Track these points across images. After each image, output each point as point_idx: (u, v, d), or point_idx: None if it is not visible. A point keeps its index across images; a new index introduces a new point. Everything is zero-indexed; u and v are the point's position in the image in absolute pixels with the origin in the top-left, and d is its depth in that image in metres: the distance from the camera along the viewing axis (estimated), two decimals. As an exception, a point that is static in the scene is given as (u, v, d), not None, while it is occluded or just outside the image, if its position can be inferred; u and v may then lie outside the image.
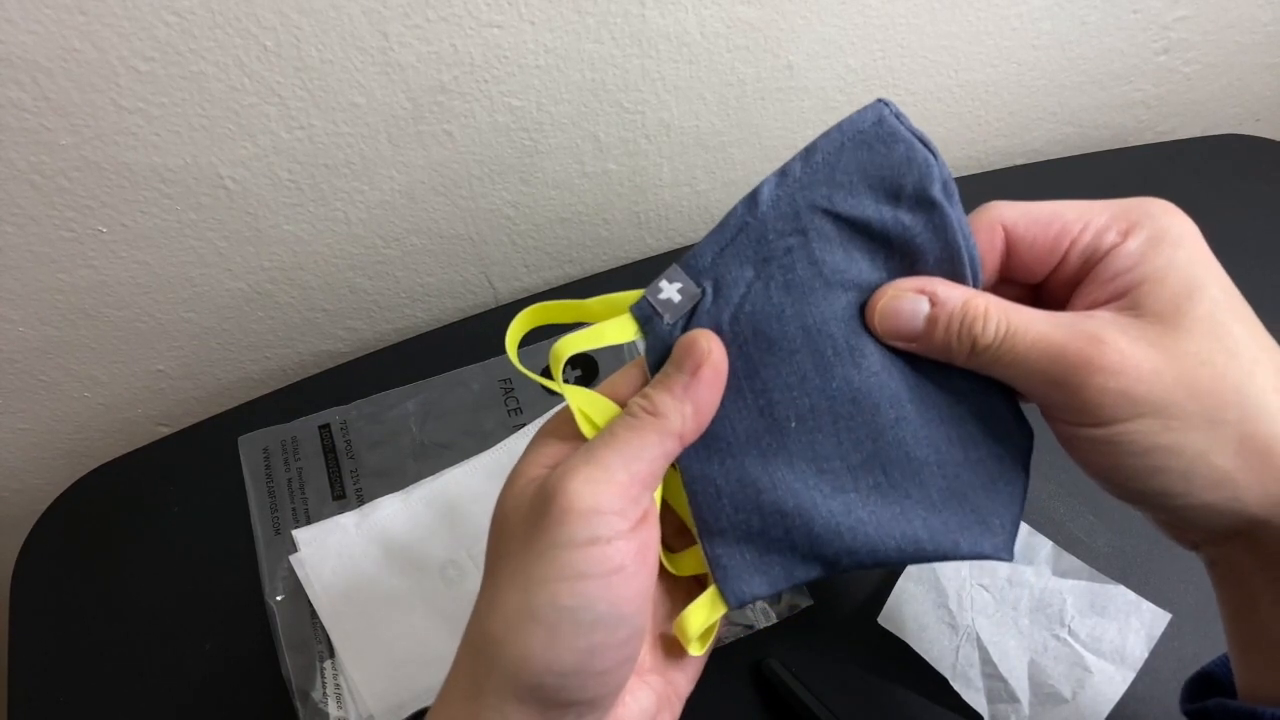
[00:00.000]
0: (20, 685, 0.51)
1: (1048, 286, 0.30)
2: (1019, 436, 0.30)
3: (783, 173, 0.29)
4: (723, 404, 0.29)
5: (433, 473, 0.57)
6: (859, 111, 0.28)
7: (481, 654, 0.26)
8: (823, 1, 0.62)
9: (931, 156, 0.28)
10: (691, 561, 0.31)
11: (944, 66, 0.69)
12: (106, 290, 0.60)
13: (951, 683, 0.46)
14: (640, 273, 0.70)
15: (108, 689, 0.51)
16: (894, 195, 0.28)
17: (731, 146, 0.69)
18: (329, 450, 0.59)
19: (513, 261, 0.71)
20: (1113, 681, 0.46)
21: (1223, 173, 0.75)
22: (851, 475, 0.29)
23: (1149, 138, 0.82)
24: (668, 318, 0.30)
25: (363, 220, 0.63)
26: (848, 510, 0.29)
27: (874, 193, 0.28)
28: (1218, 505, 0.26)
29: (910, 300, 0.28)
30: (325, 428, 0.60)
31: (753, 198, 0.29)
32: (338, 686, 0.48)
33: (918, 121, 0.29)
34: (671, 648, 0.32)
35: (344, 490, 0.57)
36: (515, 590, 0.26)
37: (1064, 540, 0.50)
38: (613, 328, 0.30)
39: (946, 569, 0.49)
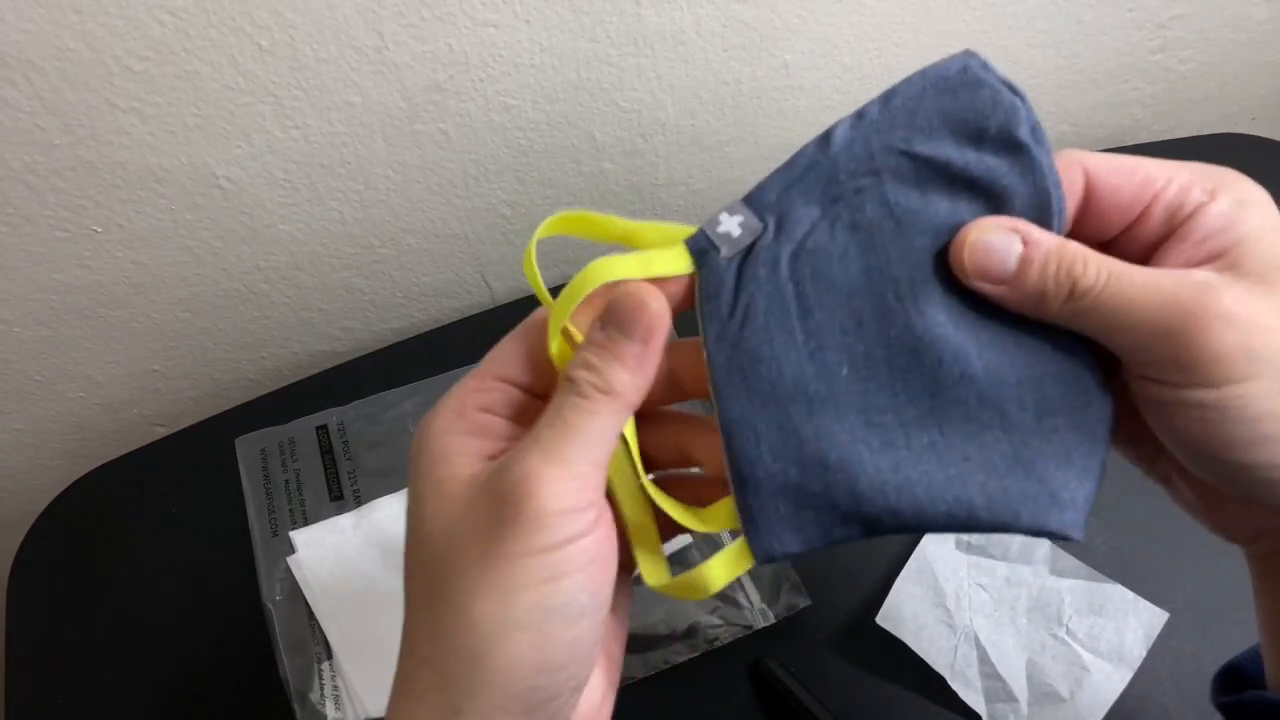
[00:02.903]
0: (17, 686, 0.51)
1: (1121, 244, 0.27)
2: (1100, 405, 0.27)
3: (859, 115, 0.28)
4: (772, 344, 0.27)
5: (430, 473, 0.57)
6: (943, 60, 0.27)
7: (453, 674, 0.25)
8: (819, 0, 0.62)
9: (1019, 100, 0.26)
10: (722, 515, 0.29)
11: (940, 65, 0.69)
12: (102, 290, 0.59)
13: (950, 682, 0.46)
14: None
15: (104, 690, 0.51)
16: (978, 137, 0.27)
17: (728, 145, 0.69)
18: (326, 451, 0.59)
19: (509, 261, 0.71)
20: (1110, 680, 0.46)
21: (1219, 171, 0.75)
22: (904, 430, 0.27)
23: (1145, 136, 0.82)
24: (725, 251, 0.28)
25: (358, 220, 0.63)
26: (896, 467, 0.27)
27: (956, 135, 0.27)
28: None
29: (1003, 236, 0.26)
30: (323, 428, 0.60)
31: (825, 138, 0.28)
32: (335, 688, 0.48)
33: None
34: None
35: (342, 491, 0.57)
36: (487, 601, 0.24)
37: (1061, 540, 0.50)
38: (662, 258, 0.27)
39: (944, 568, 0.49)
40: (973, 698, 0.46)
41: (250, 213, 0.59)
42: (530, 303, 0.28)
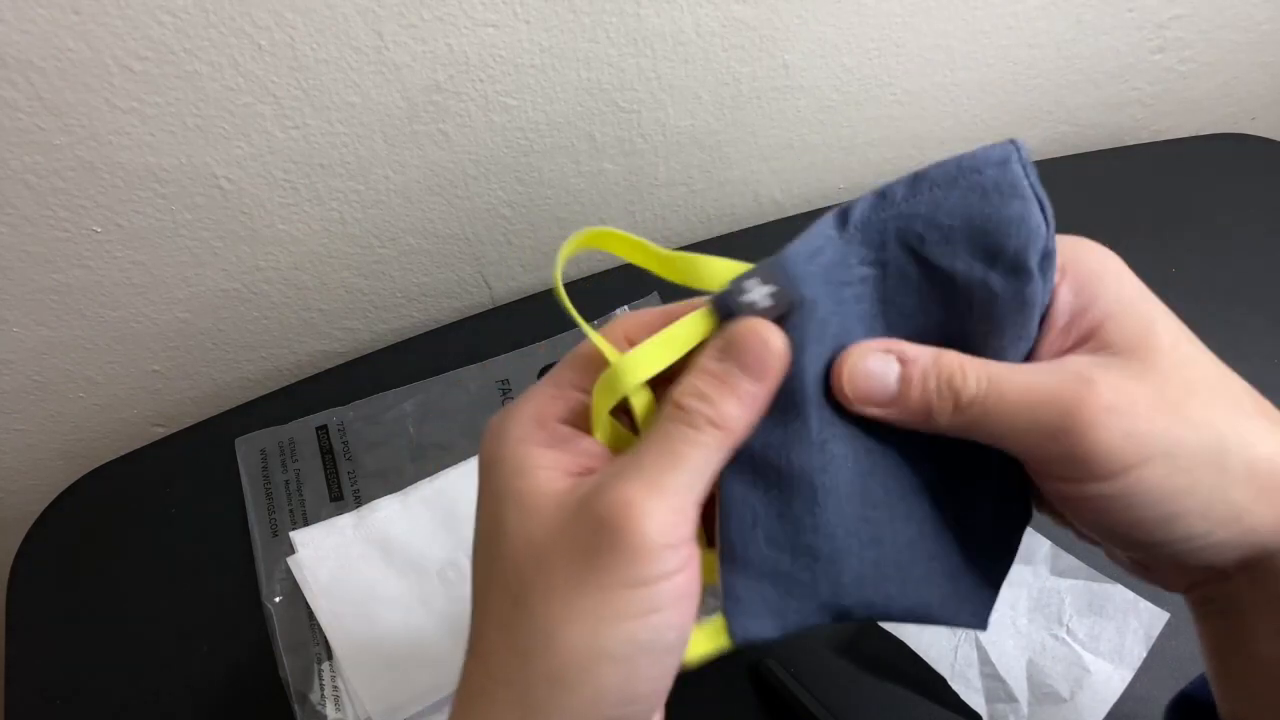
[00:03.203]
0: (17, 687, 0.51)
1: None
2: (1018, 513, 0.28)
3: (882, 195, 0.26)
4: (785, 429, 0.27)
5: (431, 474, 0.57)
6: (984, 148, 0.26)
7: (536, 698, 0.24)
8: (819, 0, 0.62)
9: (1045, 224, 0.25)
10: (708, 567, 0.28)
11: (940, 65, 0.69)
12: (101, 290, 0.59)
13: (950, 683, 0.46)
14: (638, 273, 0.70)
15: (104, 691, 0.51)
16: (992, 255, 0.26)
17: (727, 146, 0.69)
18: (326, 451, 0.59)
19: (509, 261, 0.71)
20: (1111, 681, 0.46)
21: (1219, 171, 0.75)
22: (892, 527, 0.27)
23: (1145, 137, 0.82)
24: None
25: (358, 220, 0.63)
26: (878, 563, 0.27)
27: (972, 246, 0.26)
28: (1231, 541, 0.25)
29: (879, 359, 0.26)
30: (323, 429, 0.60)
31: (844, 214, 0.27)
32: (336, 688, 0.48)
33: (912, 120, 0.28)
34: None
35: (342, 492, 0.57)
36: (578, 629, 0.24)
37: (1062, 540, 0.50)
38: (686, 331, 0.26)
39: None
40: (973, 698, 0.46)
41: (250, 213, 0.59)
42: (530, 304, 0.28)
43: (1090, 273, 0.26)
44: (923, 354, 0.26)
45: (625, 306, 0.64)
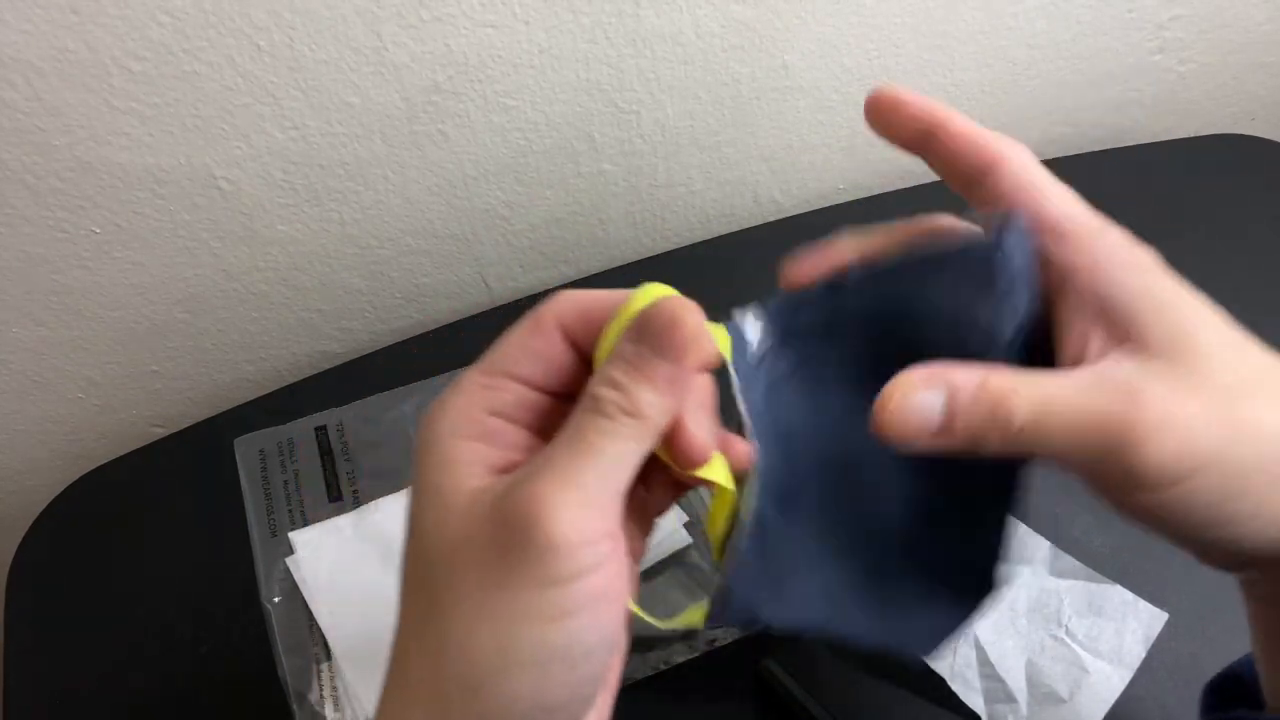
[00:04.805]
0: (16, 688, 0.51)
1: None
2: (986, 593, 0.29)
3: (873, 267, 0.27)
4: (803, 462, 0.28)
5: (429, 474, 0.56)
6: (990, 224, 0.27)
7: (447, 702, 0.23)
8: (818, 1, 0.62)
9: (1026, 296, 0.26)
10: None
11: (939, 66, 0.69)
12: (100, 291, 0.59)
13: (949, 683, 0.46)
14: (637, 274, 0.70)
15: (103, 692, 0.51)
16: (970, 304, 0.27)
17: (727, 146, 0.69)
18: (325, 452, 0.59)
19: (508, 262, 0.71)
20: (1110, 681, 0.46)
21: (1218, 172, 0.75)
22: (867, 575, 0.29)
23: (1144, 137, 0.82)
24: (751, 353, 0.28)
25: (357, 221, 0.63)
26: (846, 604, 0.29)
27: (953, 307, 0.27)
28: None
29: (926, 395, 0.25)
30: (322, 429, 0.60)
31: (837, 282, 0.28)
32: (334, 689, 0.48)
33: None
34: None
35: (341, 492, 0.57)
36: (487, 633, 0.23)
37: (1061, 540, 0.50)
38: (714, 327, 0.27)
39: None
40: (972, 698, 0.46)
41: (249, 213, 0.59)
42: (529, 304, 0.27)
43: (1122, 263, 0.25)
44: (969, 382, 0.25)
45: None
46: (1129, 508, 0.25)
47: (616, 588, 0.24)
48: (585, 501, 0.23)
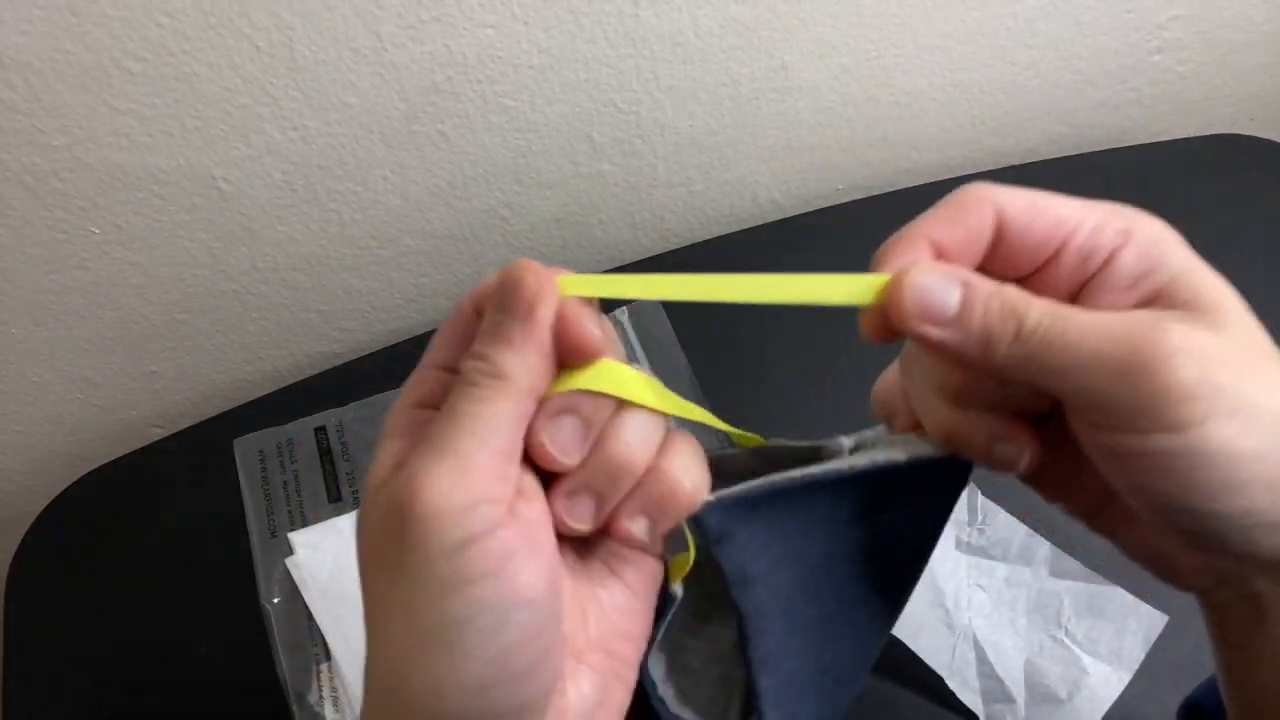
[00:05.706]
0: (15, 688, 0.51)
1: (1033, 287, 0.25)
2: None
3: (845, 473, 0.28)
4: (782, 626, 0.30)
5: (428, 474, 0.57)
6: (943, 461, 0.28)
7: (389, 700, 0.23)
8: (817, 1, 0.62)
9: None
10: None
11: (938, 66, 0.69)
12: (99, 291, 0.59)
13: (948, 682, 0.46)
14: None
15: (103, 692, 0.51)
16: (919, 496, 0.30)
17: (726, 146, 0.69)
18: (325, 452, 0.59)
19: (507, 263, 0.71)
20: (1109, 683, 0.46)
21: (1218, 172, 0.75)
22: (820, 686, 0.32)
23: (1143, 137, 0.82)
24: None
25: (356, 221, 0.63)
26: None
27: (912, 501, 0.30)
28: None
29: (940, 278, 0.24)
30: (321, 430, 0.60)
31: (811, 479, 0.28)
32: (334, 689, 0.48)
33: (911, 121, 0.28)
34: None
35: (340, 493, 0.57)
36: (400, 619, 0.22)
37: (1061, 542, 0.50)
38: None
39: (944, 569, 0.49)
40: (970, 698, 0.46)
41: (248, 214, 0.59)
42: None
43: (1153, 237, 0.25)
44: (985, 282, 0.25)
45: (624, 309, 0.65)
46: (1132, 463, 0.23)
47: (524, 546, 0.23)
48: (460, 468, 0.22)
